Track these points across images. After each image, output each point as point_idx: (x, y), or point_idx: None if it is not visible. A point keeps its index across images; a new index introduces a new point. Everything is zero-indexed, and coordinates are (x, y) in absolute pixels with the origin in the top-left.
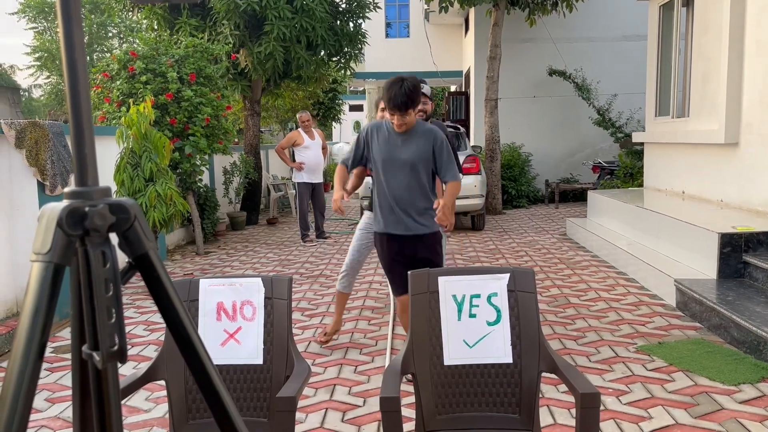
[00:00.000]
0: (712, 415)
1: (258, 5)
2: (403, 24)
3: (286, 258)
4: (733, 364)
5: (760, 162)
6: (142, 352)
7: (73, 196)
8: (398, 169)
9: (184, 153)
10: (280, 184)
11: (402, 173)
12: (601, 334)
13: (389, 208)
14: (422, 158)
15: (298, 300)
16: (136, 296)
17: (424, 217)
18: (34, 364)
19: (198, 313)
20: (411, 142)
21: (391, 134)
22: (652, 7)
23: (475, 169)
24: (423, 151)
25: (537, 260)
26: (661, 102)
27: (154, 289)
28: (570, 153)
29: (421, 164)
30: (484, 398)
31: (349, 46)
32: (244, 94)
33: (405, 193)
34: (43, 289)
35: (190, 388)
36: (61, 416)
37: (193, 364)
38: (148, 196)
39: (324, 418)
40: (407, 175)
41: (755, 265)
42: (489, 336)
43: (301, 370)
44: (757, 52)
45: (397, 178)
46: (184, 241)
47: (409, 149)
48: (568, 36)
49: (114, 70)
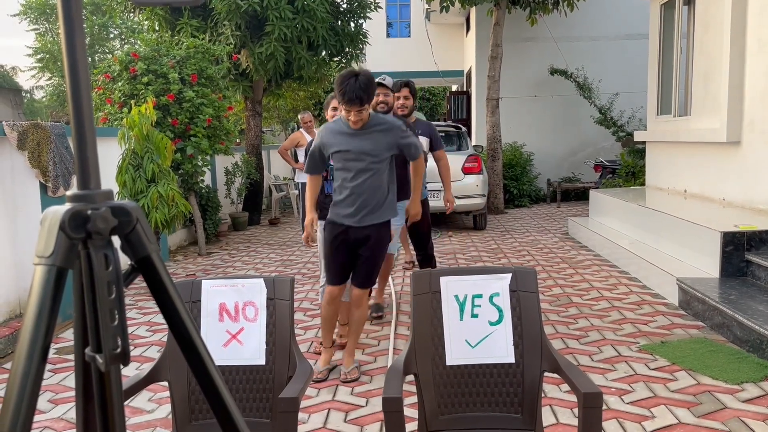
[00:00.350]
0: (715, 414)
1: (259, 6)
2: (404, 24)
3: (288, 258)
4: (735, 362)
5: (763, 160)
6: (145, 353)
7: (75, 199)
8: (356, 162)
9: (185, 154)
10: (281, 185)
11: (360, 166)
12: (603, 333)
13: (347, 200)
14: (381, 150)
15: (300, 300)
16: (138, 297)
17: (380, 210)
18: (38, 366)
19: (200, 314)
20: (369, 135)
21: (347, 130)
22: (654, 5)
23: (476, 168)
24: (383, 143)
25: (539, 259)
26: (663, 101)
27: (156, 292)
28: (572, 152)
29: (380, 156)
30: (486, 398)
31: (351, 46)
32: (245, 94)
33: (363, 187)
34: (46, 292)
35: (193, 389)
36: (64, 417)
37: (195, 366)
38: (150, 197)
39: (327, 418)
40: (365, 168)
41: (758, 264)
42: (491, 336)
43: (304, 370)
44: (759, 50)
45: (356, 173)
46: (186, 242)
47: (368, 142)
48: (570, 35)
49: (115, 72)
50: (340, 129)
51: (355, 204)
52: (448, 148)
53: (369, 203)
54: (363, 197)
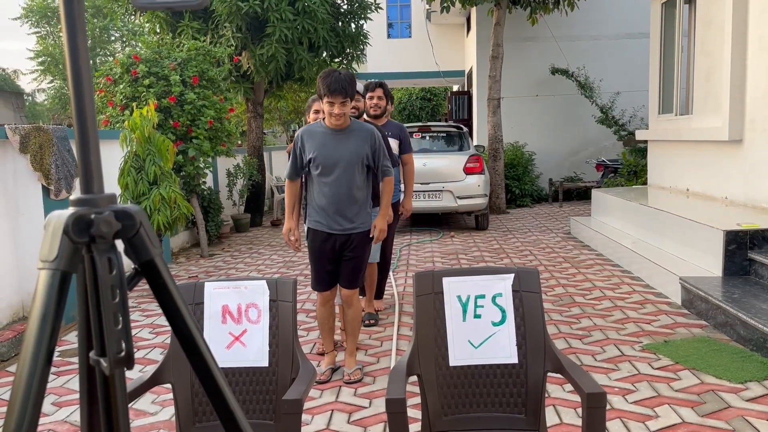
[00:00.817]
0: (718, 414)
1: (260, 7)
2: (404, 24)
3: (290, 260)
4: (739, 361)
5: (765, 158)
6: (148, 355)
7: (78, 203)
8: (335, 168)
9: (187, 156)
10: (283, 186)
11: (338, 172)
12: (606, 332)
13: (325, 206)
14: (359, 156)
15: (303, 302)
16: (141, 299)
17: (359, 215)
18: (43, 369)
19: (203, 316)
20: (347, 140)
21: (326, 134)
22: (654, 4)
23: (478, 168)
24: (360, 148)
25: (541, 259)
26: (664, 99)
27: (160, 295)
28: (573, 151)
29: (358, 163)
30: (489, 399)
31: (351, 47)
32: (246, 96)
33: (341, 192)
34: (50, 297)
35: (197, 391)
36: (68, 420)
37: (199, 368)
38: (152, 200)
39: (330, 419)
40: (343, 173)
41: (761, 262)
42: (494, 336)
43: (307, 371)
44: (760, 48)
45: (334, 178)
46: (189, 244)
47: (346, 148)
48: (570, 34)
49: (117, 74)
50: (320, 131)
51: (333, 210)
52: (450, 148)
53: (347, 209)
54: (341, 203)
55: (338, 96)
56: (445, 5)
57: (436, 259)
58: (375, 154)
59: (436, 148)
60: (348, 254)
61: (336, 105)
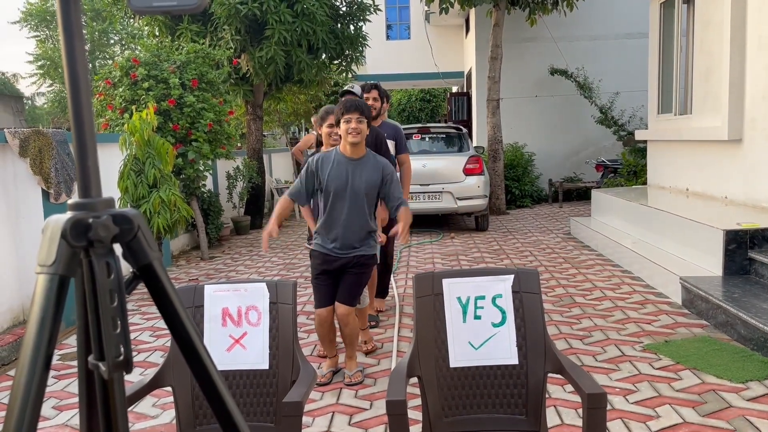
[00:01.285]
0: (720, 413)
1: (259, 10)
2: (403, 26)
3: (290, 262)
4: (740, 361)
5: (764, 158)
6: (149, 358)
7: (76, 207)
8: (348, 197)
9: (187, 158)
10: (283, 188)
11: (351, 201)
12: (607, 333)
13: (335, 232)
14: (371, 187)
15: (303, 304)
16: (141, 302)
17: (366, 241)
18: (41, 374)
19: (203, 318)
20: (362, 171)
21: (341, 163)
22: (653, 4)
23: (478, 169)
24: (373, 180)
25: (542, 260)
26: (664, 99)
27: (158, 299)
28: (573, 152)
29: (370, 193)
30: (490, 400)
31: (350, 49)
32: (246, 98)
33: (352, 220)
34: (48, 301)
35: (197, 394)
36: (68, 424)
37: (198, 373)
38: (152, 203)
39: (331, 421)
40: (356, 203)
41: (761, 262)
42: (494, 337)
43: (307, 374)
44: (759, 48)
45: (346, 206)
46: (189, 247)
47: (361, 178)
48: (569, 35)
49: (116, 77)
50: (335, 158)
51: (340, 236)
52: (450, 149)
53: (354, 235)
54: (350, 230)
55: (354, 112)
56: (444, 6)
57: (436, 261)
58: (385, 185)
59: (435, 150)
60: (351, 272)
61: (353, 120)
